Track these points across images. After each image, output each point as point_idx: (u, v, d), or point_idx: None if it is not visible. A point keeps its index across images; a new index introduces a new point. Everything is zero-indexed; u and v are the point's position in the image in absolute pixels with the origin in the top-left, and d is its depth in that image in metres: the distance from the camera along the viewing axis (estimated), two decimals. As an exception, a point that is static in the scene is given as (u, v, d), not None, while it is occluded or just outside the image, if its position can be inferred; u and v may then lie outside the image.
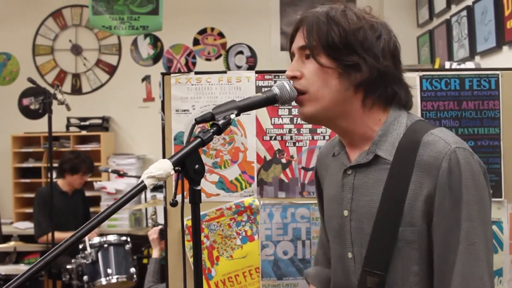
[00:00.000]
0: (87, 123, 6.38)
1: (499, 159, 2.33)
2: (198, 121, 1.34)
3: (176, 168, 1.23)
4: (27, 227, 5.83)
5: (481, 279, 1.33)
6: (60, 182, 4.94)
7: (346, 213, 1.50)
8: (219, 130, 1.31)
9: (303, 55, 1.45)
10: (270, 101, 1.43)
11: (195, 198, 1.26)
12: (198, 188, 1.26)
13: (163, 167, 1.19)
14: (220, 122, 1.31)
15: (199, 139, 1.27)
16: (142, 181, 1.17)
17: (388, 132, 1.45)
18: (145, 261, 5.06)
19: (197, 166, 1.25)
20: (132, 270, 4.26)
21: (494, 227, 2.36)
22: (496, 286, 2.40)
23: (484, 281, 1.33)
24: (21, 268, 4.20)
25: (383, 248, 1.41)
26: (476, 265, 1.32)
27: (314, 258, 1.92)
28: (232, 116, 1.34)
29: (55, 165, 4.92)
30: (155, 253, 3.64)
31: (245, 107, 1.40)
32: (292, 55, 1.50)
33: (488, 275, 1.34)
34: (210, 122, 1.34)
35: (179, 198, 1.29)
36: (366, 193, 1.46)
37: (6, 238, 5.30)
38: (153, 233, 3.71)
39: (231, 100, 1.39)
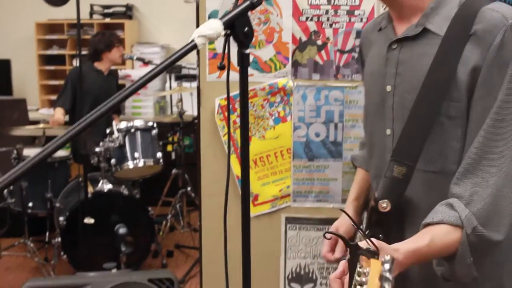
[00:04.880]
0: (110, 10, 6.30)
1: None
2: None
3: (226, 31, 1.21)
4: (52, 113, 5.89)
5: (500, 157, 1.27)
6: (97, 64, 4.85)
7: (389, 88, 1.48)
8: (269, -6, 1.28)
9: None
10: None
11: (244, 62, 1.25)
12: (247, 51, 1.26)
13: (213, 27, 1.17)
14: (270, -14, 1.29)
15: (248, 1, 1.24)
16: (193, 40, 1.17)
17: (440, 5, 1.40)
18: (169, 148, 5.15)
19: (246, 28, 1.24)
20: (159, 154, 4.33)
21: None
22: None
23: (500, 161, 1.27)
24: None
25: (421, 124, 1.37)
26: (495, 141, 1.27)
27: (360, 143, 1.91)
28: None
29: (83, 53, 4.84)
30: None
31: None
32: None
33: (508, 157, 1.27)
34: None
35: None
36: (411, 67, 1.43)
37: (34, 124, 5.38)
38: None
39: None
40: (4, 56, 6.35)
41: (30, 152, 4.28)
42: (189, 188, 4.86)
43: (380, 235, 1.43)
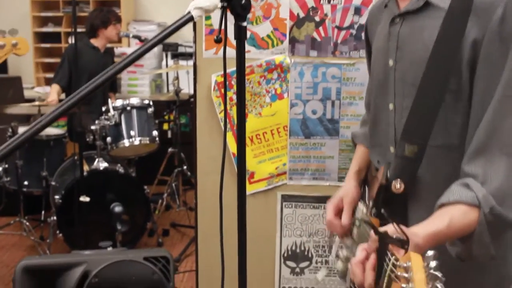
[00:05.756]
0: (106, -13, 6.23)
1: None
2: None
3: (222, 3, 1.19)
4: (48, 91, 5.84)
5: (510, 134, 1.25)
6: (93, 41, 4.81)
7: (391, 62, 1.47)
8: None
9: None
10: None
11: (241, 34, 1.23)
12: (244, 24, 1.23)
13: (210, -2, 1.15)
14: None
15: (245, -27, 1.22)
16: (189, 12, 1.14)
17: None
18: (165, 126, 5.12)
19: (243, 0, 1.21)
20: (155, 133, 4.30)
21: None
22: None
23: (510, 138, 1.25)
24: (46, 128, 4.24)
25: (430, 101, 1.35)
26: (504, 118, 1.25)
27: (361, 120, 1.88)
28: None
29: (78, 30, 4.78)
30: None
31: None
32: None
33: None
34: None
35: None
36: (411, 41, 1.41)
37: (29, 102, 5.34)
38: None
39: None
40: (-1, 34, 6.28)
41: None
42: (185, 167, 4.85)
43: (386, 214, 1.41)
